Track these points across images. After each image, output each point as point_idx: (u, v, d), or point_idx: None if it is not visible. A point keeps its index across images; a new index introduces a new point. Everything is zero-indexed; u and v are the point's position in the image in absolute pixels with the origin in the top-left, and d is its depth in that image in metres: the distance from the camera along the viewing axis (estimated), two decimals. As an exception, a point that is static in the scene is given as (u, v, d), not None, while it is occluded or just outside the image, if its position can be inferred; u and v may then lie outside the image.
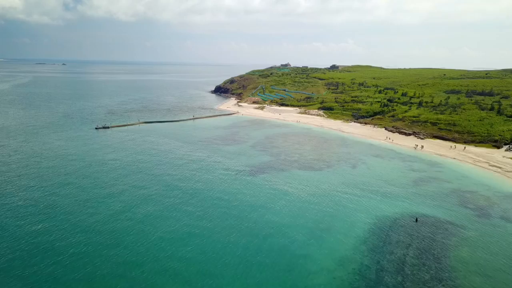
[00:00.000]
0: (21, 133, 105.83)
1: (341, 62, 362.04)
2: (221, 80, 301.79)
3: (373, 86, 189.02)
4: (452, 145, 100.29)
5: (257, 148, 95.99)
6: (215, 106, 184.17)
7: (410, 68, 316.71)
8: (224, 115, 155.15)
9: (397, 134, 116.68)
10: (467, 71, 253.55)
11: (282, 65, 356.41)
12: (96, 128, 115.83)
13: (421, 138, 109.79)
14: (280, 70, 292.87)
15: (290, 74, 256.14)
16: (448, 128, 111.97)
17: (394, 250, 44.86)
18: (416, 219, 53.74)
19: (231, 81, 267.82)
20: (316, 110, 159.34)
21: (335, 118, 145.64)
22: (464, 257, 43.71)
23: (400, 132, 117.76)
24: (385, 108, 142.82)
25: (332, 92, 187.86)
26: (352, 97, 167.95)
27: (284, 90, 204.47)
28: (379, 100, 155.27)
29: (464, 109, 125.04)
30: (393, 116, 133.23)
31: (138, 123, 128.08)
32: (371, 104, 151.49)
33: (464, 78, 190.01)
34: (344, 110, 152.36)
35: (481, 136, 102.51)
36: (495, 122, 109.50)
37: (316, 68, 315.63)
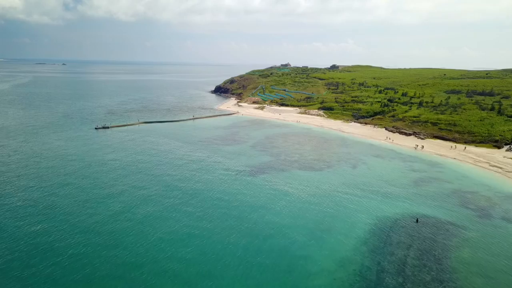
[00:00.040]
0: (21, 133, 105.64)
1: (341, 62, 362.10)
2: (221, 80, 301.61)
3: (373, 86, 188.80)
4: (453, 145, 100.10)
5: (257, 148, 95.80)
6: (215, 106, 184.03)
7: (410, 68, 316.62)
8: (224, 115, 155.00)
9: (398, 134, 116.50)
10: (467, 71, 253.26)
11: (282, 65, 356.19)
12: (96, 128, 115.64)
13: (422, 138, 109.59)
14: (280, 70, 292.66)
15: (290, 74, 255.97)
16: (449, 128, 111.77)
17: (395, 251, 44.67)
18: (417, 220, 53.55)
19: (231, 81, 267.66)
20: (316, 110, 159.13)
21: (335, 118, 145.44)
22: (465, 258, 43.52)
23: (401, 132, 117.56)
24: (385, 108, 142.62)
25: (332, 92, 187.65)
26: (352, 97, 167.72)
27: (284, 90, 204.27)
28: (379, 100, 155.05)
29: (465, 109, 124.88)
30: (394, 116, 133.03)
31: (138, 123, 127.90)
32: (371, 104, 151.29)
33: (465, 78, 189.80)
34: (344, 110, 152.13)
35: (482, 136, 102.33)
36: (496, 122, 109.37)
37: (316, 68, 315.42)
